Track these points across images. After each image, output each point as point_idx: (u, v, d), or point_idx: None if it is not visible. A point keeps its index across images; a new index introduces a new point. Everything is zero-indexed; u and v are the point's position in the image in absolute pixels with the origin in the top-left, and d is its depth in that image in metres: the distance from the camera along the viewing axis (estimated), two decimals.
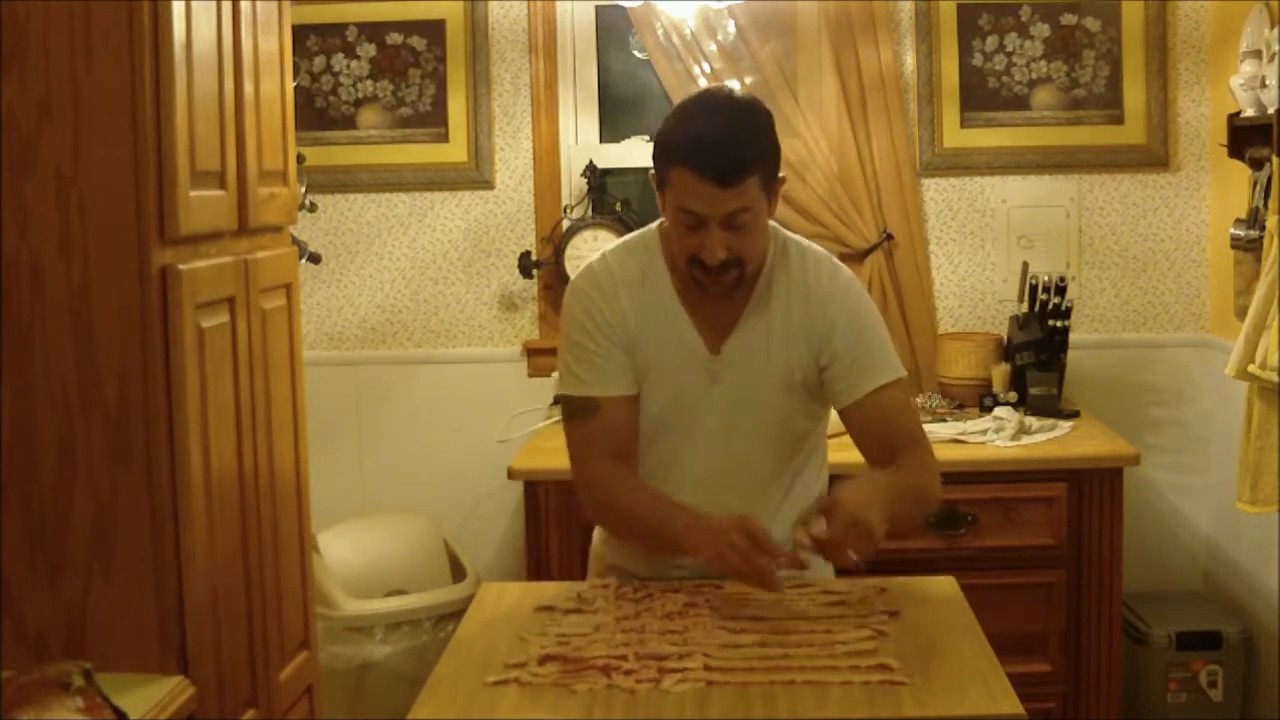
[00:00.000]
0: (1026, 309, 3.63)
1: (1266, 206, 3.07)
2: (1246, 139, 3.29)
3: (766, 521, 2.26)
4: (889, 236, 3.75)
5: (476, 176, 3.87)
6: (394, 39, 3.86)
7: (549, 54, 3.84)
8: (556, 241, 3.78)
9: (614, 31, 3.95)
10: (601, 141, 3.93)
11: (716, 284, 2.14)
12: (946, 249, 3.86)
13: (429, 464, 3.90)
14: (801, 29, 3.80)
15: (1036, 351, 3.57)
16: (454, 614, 3.31)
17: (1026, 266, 3.68)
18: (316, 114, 3.87)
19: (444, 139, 3.87)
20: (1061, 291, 3.55)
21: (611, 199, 3.80)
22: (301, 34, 3.79)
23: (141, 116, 1.89)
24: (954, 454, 3.25)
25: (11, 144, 1.90)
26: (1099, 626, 3.24)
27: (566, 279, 3.27)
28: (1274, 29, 3.13)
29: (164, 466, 1.95)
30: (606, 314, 2.21)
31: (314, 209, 3.69)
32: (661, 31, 3.76)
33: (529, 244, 3.86)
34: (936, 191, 3.85)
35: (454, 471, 3.88)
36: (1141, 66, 3.76)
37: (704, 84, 3.72)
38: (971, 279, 3.86)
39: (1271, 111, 3.07)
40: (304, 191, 3.50)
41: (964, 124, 3.81)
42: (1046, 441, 3.34)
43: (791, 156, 3.73)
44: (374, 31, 3.86)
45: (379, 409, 3.92)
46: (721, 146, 2.05)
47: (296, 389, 2.48)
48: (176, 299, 1.94)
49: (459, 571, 3.67)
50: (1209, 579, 3.82)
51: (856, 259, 3.72)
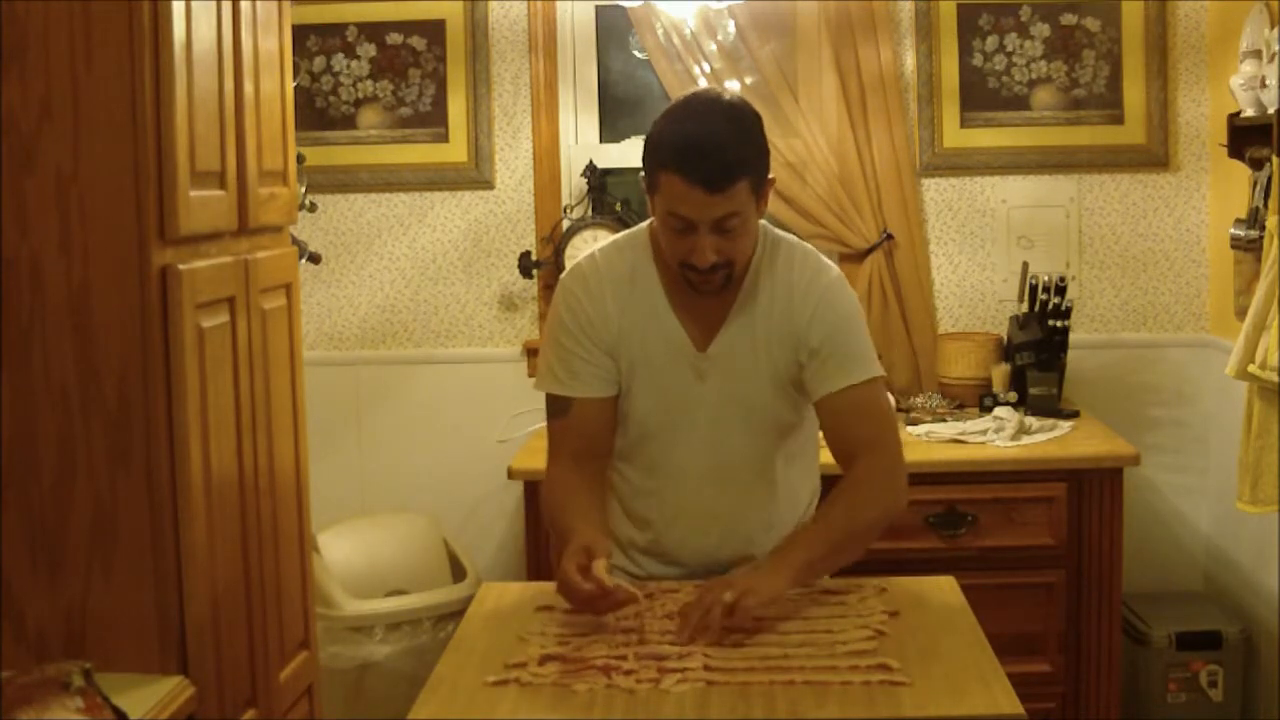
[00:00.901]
0: (1026, 309, 3.63)
1: (1266, 206, 3.07)
2: (1246, 139, 3.29)
3: (762, 514, 2.28)
4: (889, 236, 3.75)
5: (476, 176, 3.87)
6: (394, 39, 3.86)
7: (549, 54, 3.84)
8: (556, 241, 3.78)
9: (614, 31, 3.95)
10: (601, 141, 3.93)
11: (706, 283, 2.15)
12: (946, 249, 3.86)
13: (429, 464, 3.90)
14: (801, 29, 3.80)
15: (1036, 351, 3.57)
16: (454, 614, 3.31)
17: (1026, 266, 3.68)
18: (316, 114, 3.87)
19: (444, 139, 3.87)
20: (1061, 291, 3.55)
21: (611, 199, 3.80)
22: (301, 34, 3.79)
23: (141, 116, 1.89)
24: (954, 454, 3.26)
25: (11, 144, 1.90)
26: (1099, 626, 3.24)
27: None
28: (1274, 29, 3.13)
29: (164, 466, 1.95)
30: (590, 314, 2.22)
31: (314, 209, 3.69)
32: (661, 31, 3.76)
33: (529, 244, 3.86)
34: (936, 191, 3.85)
35: (454, 471, 3.88)
36: (1141, 66, 3.76)
37: (704, 84, 3.73)
38: (971, 279, 3.86)
39: (1271, 111, 3.07)
40: (304, 191, 3.50)
41: (964, 124, 3.81)
42: (1046, 441, 3.34)
43: (791, 156, 3.74)
44: (374, 31, 3.86)
45: (379, 409, 3.92)
46: (710, 152, 2.04)
47: (296, 389, 2.48)
48: (176, 299, 1.94)
49: (459, 571, 3.67)
50: (1209, 579, 3.82)
51: (856, 259, 3.72)
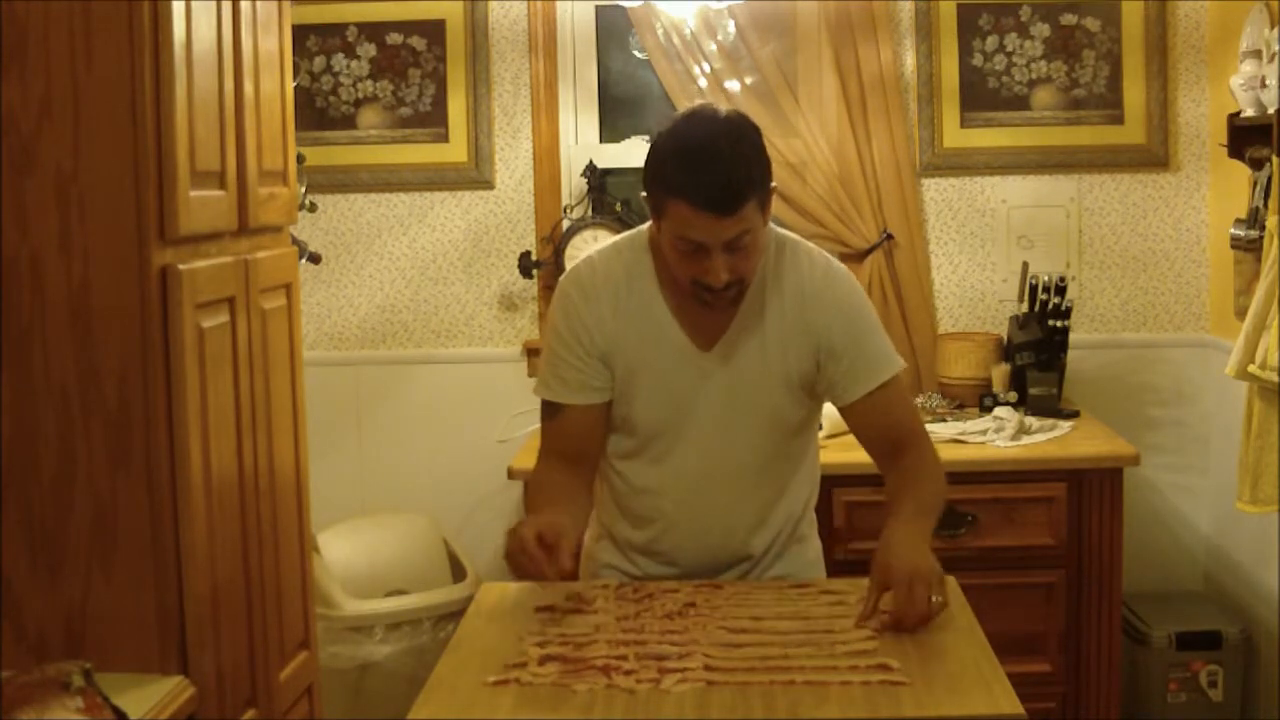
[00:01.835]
0: (1026, 309, 3.63)
1: (1266, 206, 3.07)
2: (1246, 139, 3.29)
3: (763, 515, 2.28)
4: (889, 236, 3.75)
5: (476, 176, 3.87)
6: (394, 39, 3.86)
7: (549, 54, 3.84)
8: (556, 241, 3.78)
9: (614, 31, 3.95)
10: (601, 141, 3.93)
11: (720, 299, 2.13)
12: (946, 249, 3.86)
13: (429, 464, 3.90)
14: (801, 29, 3.80)
15: (1036, 351, 3.57)
16: (454, 614, 3.31)
17: (1026, 266, 3.68)
18: (316, 114, 3.87)
19: (444, 139, 3.87)
20: (1061, 291, 3.55)
21: (611, 199, 3.80)
22: (301, 34, 3.79)
23: (141, 116, 1.90)
24: (954, 454, 3.25)
25: (11, 144, 1.90)
26: (1099, 626, 3.24)
27: None
28: (1274, 29, 3.14)
29: (164, 466, 1.95)
30: (585, 319, 2.21)
31: (314, 209, 3.69)
32: (661, 31, 3.76)
33: (529, 244, 3.86)
34: (936, 191, 3.85)
35: (454, 471, 3.88)
36: (1141, 66, 3.76)
37: (704, 84, 3.73)
38: (971, 279, 3.86)
39: (1271, 111, 3.07)
40: (304, 191, 3.50)
41: (964, 124, 3.81)
42: (1046, 441, 3.34)
43: (791, 156, 3.74)
44: (374, 31, 3.86)
45: (379, 409, 3.92)
46: (718, 178, 2.02)
47: (296, 389, 2.48)
48: (176, 299, 1.94)
49: (459, 571, 3.67)
50: (1209, 579, 3.82)
51: (856, 259, 3.72)
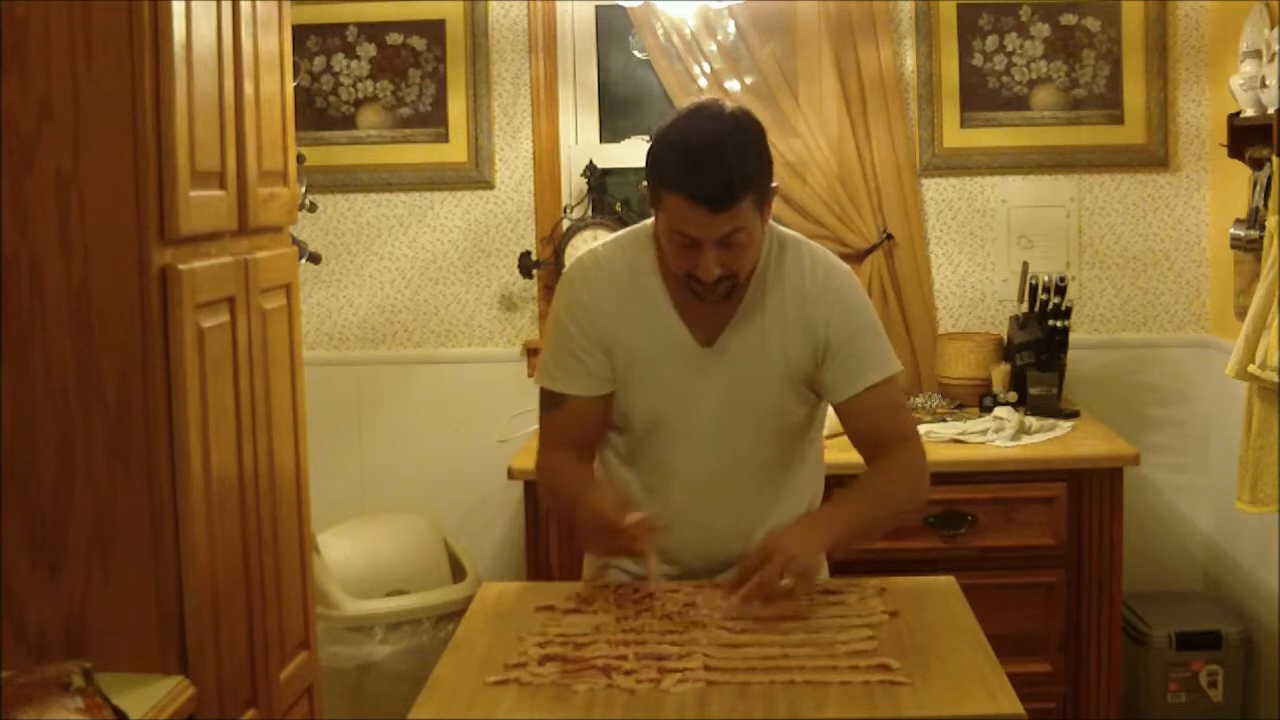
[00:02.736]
0: (1026, 309, 3.63)
1: (1266, 206, 3.07)
2: (1246, 139, 3.29)
3: (764, 514, 2.28)
4: (889, 236, 3.75)
5: (476, 176, 3.87)
6: (394, 39, 3.86)
7: (549, 54, 3.84)
8: (556, 241, 3.78)
9: (614, 31, 3.95)
10: (601, 141, 3.93)
11: (711, 293, 2.14)
12: (946, 249, 3.86)
13: (429, 464, 3.90)
14: (801, 29, 3.80)
15: (1036, 351, 3.57)
16: (454, 614, 3.31)
17: (1026, 266, 3.68)
18: (316, 114, 3.87)
19: (444, 139, 3.87)
20: (1061, 291, 3.55)
21: (611, 199, 3.80)
22: (301, 34, 3.79)
23: (141, 116, 1.90)
24: (954, 454, 3.25)
25: (11, 144, 1.90)
26: (1099, 626, 3.24)
27: None
28: (1274, 29, 3.13)
29: (164, 466, 1.95)
30: (590, 310, 2.22)
31: (314, 209, 3.69)
32: (661, 31, 3.76)
33: (529, 244, 3.86)
34: (936, 191, 3.85)
35: (454, 471, 3.88)
36: (1141, 66, 3.76)
37: (704, 84, 3.73)
38: (971, 279, 3.86)
39: (1271, 111, 3.07)
40: (304, 191, 3.50)
41: (964, 124, 3.81)
42: (1046, 441, 3.34)
43: (791, 156, 3.74)
44: (374, 31, 3.86)
45: (379, 409, 3.92)
46: (714, 172, 2.03)
47: (296, 389, 2.48)
48: (176, 299, 1.94)
49: (459, 571, 3.67)
50: (1209, 579, 3.82)
51: (856, 259, 3.72)
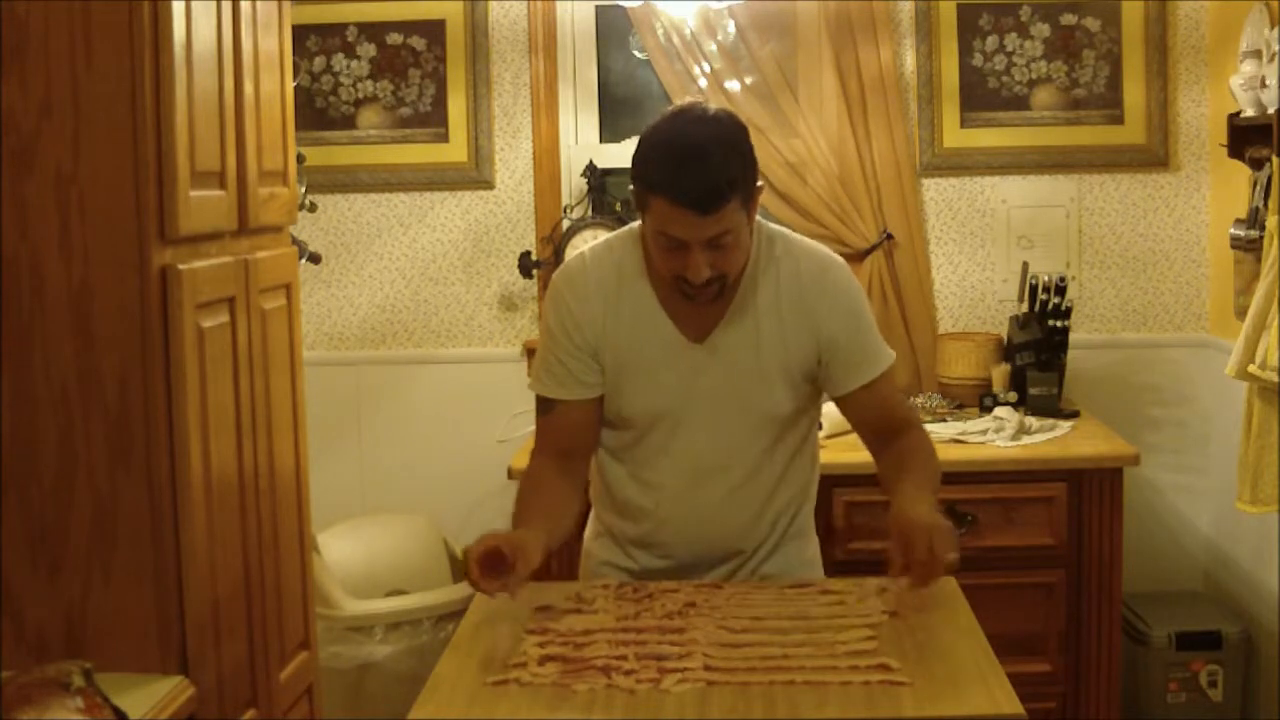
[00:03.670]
0: (1026, 309, 3.63)
1: (1266, 206, 3.07)
2: (1246, 139, 3.29)
3: (758, 508, 2.29)
4: (889, 236, 3.75)
5: (476, 176, 3.87)
6: (394, 39, 3.86)
7: (549, 54, 3.84)
8: (556, 241, 3.78)
9: (614, 31, 3.95)
10: (601, 141, 3.93)
11: (701, 294, 2.15)
12: (946, 249, 3.86)
13: (429, 464, 3.90)
14: (801, 29, 3.80)
15: (1036, 351, 3.57)
16: (454, 614, 3.31)
17: (1026, 266, 3.68)
18: (316, 114, 3.87)
19: (444, 139, 3.87)
20: (1061, 291, 3.55)
21: (611, 199, 3.80)
22: (301, 34, 3.79)
23: (141, 116, 1.90)
24: (954, 454, 3.25)
25: (11, 144, 1.90)
26: (1099, 626, 3.24)
27: None
28: (1274, 29, 3.13)
29: (164, 466, 1.95)
30: (577, 316, 2.23)
31: (314, 209, 3.69)
32: (661, 31, 3.76)
33: (529, 244, 3.86)
34: (936, 191, 3.85)
35: (454, 471, 3.88)
36: (1141, 66, 3.76)
37: (704, 84, 3.73)
38: (971, 279, 3.86)
39: (1271, 111, 3.07)
40: (304, 191, 3.50)
41: (964, 124, 3.81)
42: (1046, 441, 3.34)
43: (791, 156, 3.74)
44: (374, 31, 3.86)
45: (379, 409, 3.92)
46: (699, 176, 2.03)
47: (296, 389, 2.48)
48: (176, 299, 1.95)
49: (459, 571, 3.67)
50: (1209, 579, 3.82)
51: (856, 259, 3.72)
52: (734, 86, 3.73)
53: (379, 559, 3.66)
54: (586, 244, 3.61)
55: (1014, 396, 3.57)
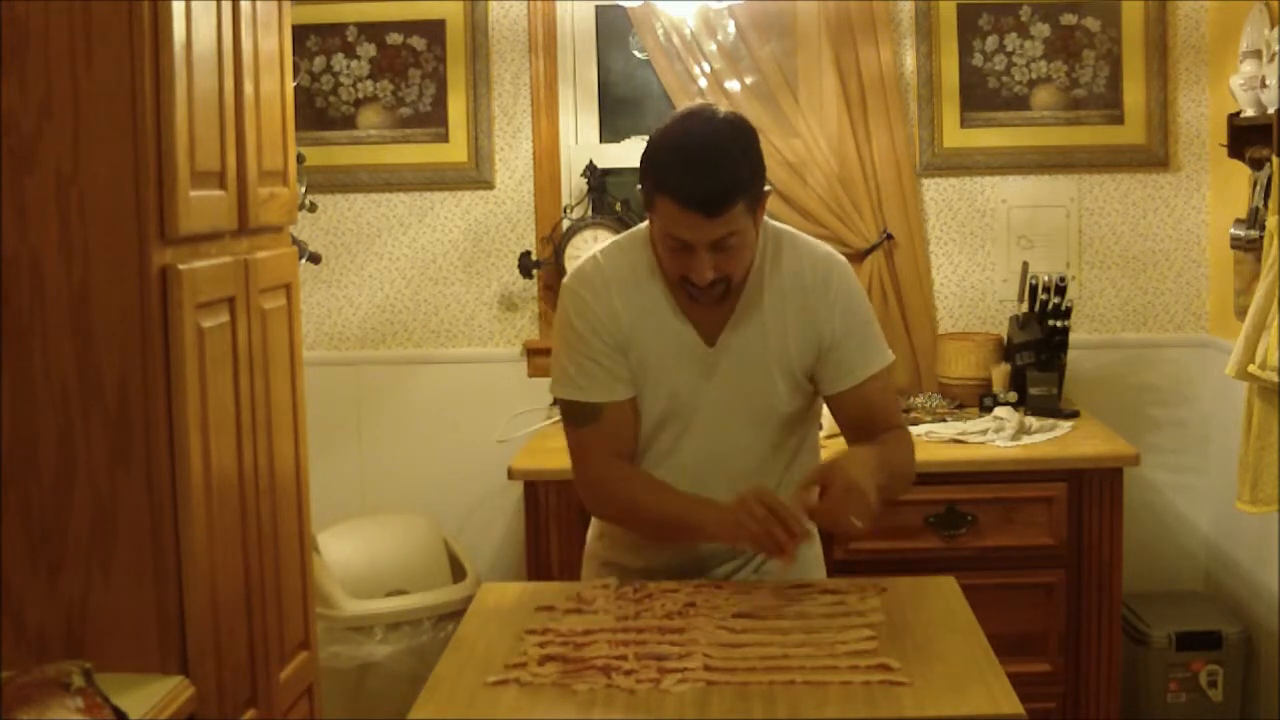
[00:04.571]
0: (1026, 309, 3.63)
1: (1266, 206, 3.07)
2: (1246, 139, 3.29)
3: None
4: (889, 236, 3.75)
5: (476, 176, 3.87)
6: (394, 39, 3.86)
7: (549, 54, 3.84)
8: (556, 241, 3.78)
9: (614, 31, 3.95)
10: (601, 141, 3.93)
11: (706, 296, 2.15)
12: (946, 249, 3.86)
13: (429, 464, 3.90)
14: (801, 29, 3.80)
15: (1036, 351, 3.57)
16: (454, 614, 3.31)
17: (1026, 266, 3.68)
18: (316, 114, 3.87)
19: (444, 139, 3.87)
20: (1061, 291, 3.55)
21: (611, 199, 3.80)
22: (301, 34, 3.79)
23: (141, 116, 1.89)
24: (954, 454, 3.25)
25: (11, 144, 1.90)
26: (1099, 626, 3.24)
27: None
28: (1274, 29, 3.13)
29: (164, 466, 1.95)
30: (600, 314, 2.22)
31: (314, 209, 3.69)
32: (661, 31, 3.76)
33: (529, 244, 3.86)
34: (936, 191, 3.85)
35: (454, 471, 3.88)
36: (1141, 66, 3.76)
37: (704, 84, 3.73)
38: (971, 279, 3.86)
39: (1271, 111, 3.07)
40: (304, 191, 3.50)
41: (964, 124, 3.81)
42: (1046, 441, 3.34)
43: (791, 156, 3.74)
44: (374, 31, 3.86)
45: (379, 409, 3.92)
46: (705, 178, 2.04)
47: (296, 389, 2.48)
48: (176, 299, 1.94)
49: (459, 571, 3.67)
50: (1209, 579, 3.82)
51: (856, 259, 3.72)
52: (734, 86, 3.73)
53: (379, 559, 3.66)
54: (587, 244, 3.67)
55: (1014, 396, 3.57)
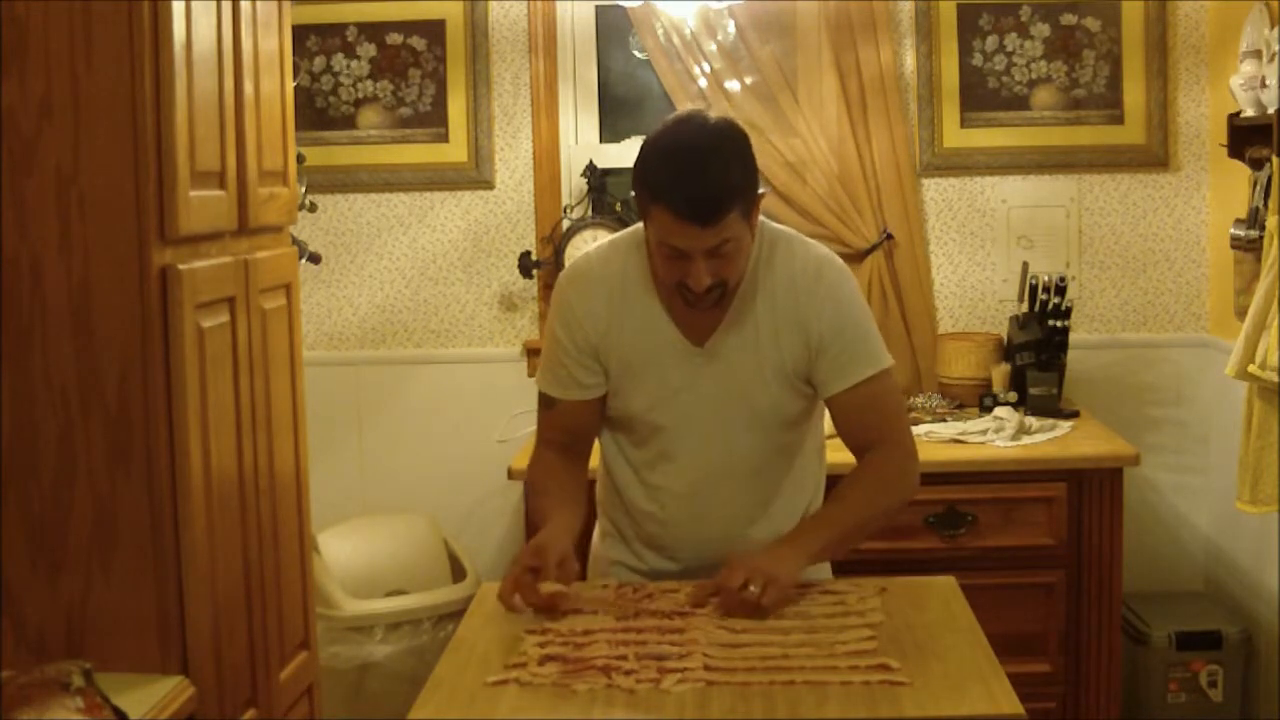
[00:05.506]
0: (1026, 309, 3.63)
1: (1266, 206, 3.07)
2: (1246, 139, 3.29)
3: (762, 508, 2.29)
4: (889, 236, 3.75)
5: (476, 176, 3.87)
6: (394, 39, 3.86)
7: (549, 54, 3.84)
8: (556, 241, 3.78)
9: (614, 31, 3.95)
10: (601, 141, 3.93)
11: (703, 301, 2.16)
12: (946, 249, 3.86)
13: (429, 464, 3.90)
14: (801, 29, 3.80)
15: (1036, 351, 3.57)
16: (454, 614, 3.31)
17: (1026, 266, 3.68)
18: (316, 114, 3.87)
19: (444, 139, 3.87)
20: (1061, 291, 3.55)
21: (611, 199, 3.80)
22: (301, 34, 3.78)
23: (141, 116, 1.90)
24: (954, 454, 3.25)
25: (11, 144, 1.90)
26: (1099, 626, 3.24)
27: None
28: (1274, 29, 3.13)
29: (164, 466, 1.95)
30: (579, 315, 2.25)
31: (314, 209, 3.69)
32: (661, 31, 3.76)
33: (529, 244, 3.86)
34: (936, 191, 3.85)
35: (454, 471, 3.88)
36: (1141, 66, 3.76)
37: (704, 84, 3.73)
38: (971, 279, 3.86)
39: (1271, 111, 3.07)
40: (304, 191, 3.50)
41: (964, 124, 3.81)
42: (1046, 441, 3.34)
43: (791, 156, 3.74)
44: (374, 31, 3.86)
45: (379, 409, 3.92)
46: (699, 188, 2.04)
47: (296, 389, 2.48)
48: (176, 299, 1.95)
49: (459, 571, 3.67)
50: (1209, 579, 3.82)
51: (856, 259, 3.72)
52: (734, 86, 3.73)
53: (379, 559, 3.66)
54: (587, 244, 3.67)
55: (1014, 396, 3.57)
